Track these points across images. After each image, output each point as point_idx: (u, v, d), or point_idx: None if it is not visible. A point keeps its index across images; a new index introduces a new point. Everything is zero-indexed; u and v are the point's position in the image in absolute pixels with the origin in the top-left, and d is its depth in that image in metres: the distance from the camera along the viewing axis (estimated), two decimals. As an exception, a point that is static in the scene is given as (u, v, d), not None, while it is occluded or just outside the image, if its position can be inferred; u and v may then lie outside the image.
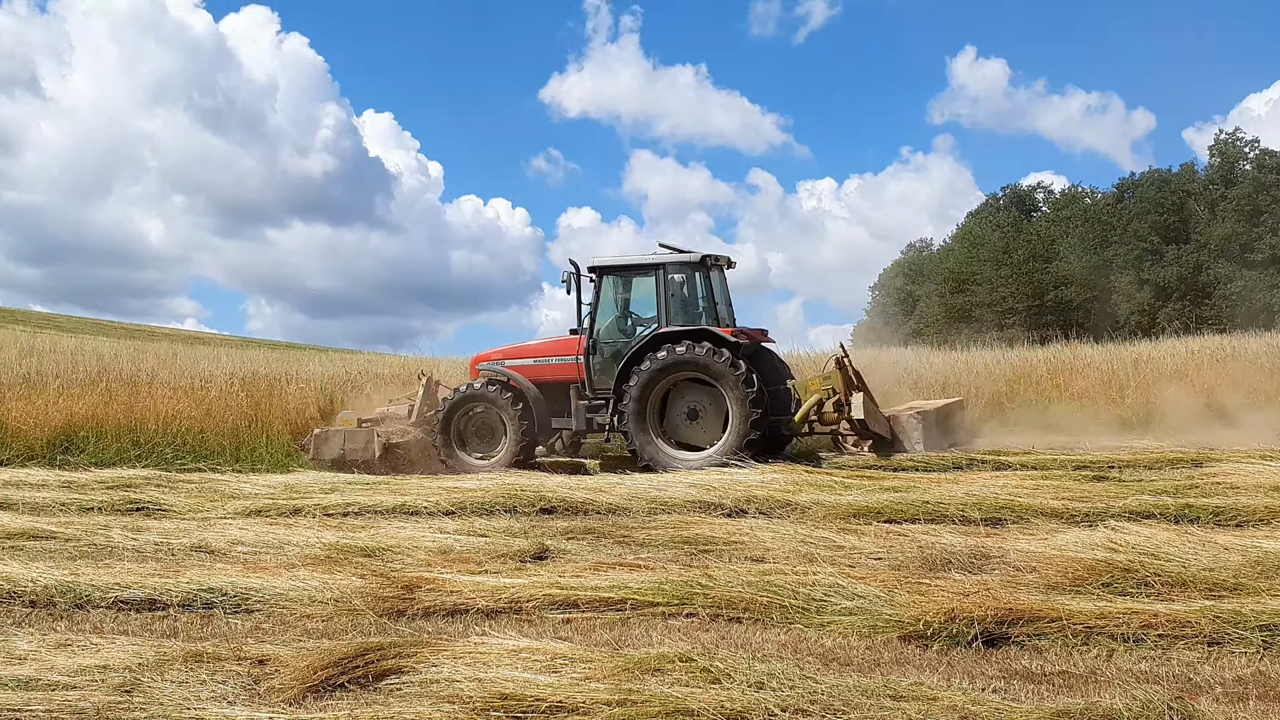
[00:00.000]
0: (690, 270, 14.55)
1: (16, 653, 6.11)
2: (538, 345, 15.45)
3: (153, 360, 24.62)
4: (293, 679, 5.69)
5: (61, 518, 10.76)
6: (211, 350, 31.90)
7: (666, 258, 14.42)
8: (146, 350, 29.26)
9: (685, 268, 14.47)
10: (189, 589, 7.65)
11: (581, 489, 11.41)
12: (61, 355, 24.11)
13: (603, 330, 14.61)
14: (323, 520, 10.49)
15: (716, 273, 14.90)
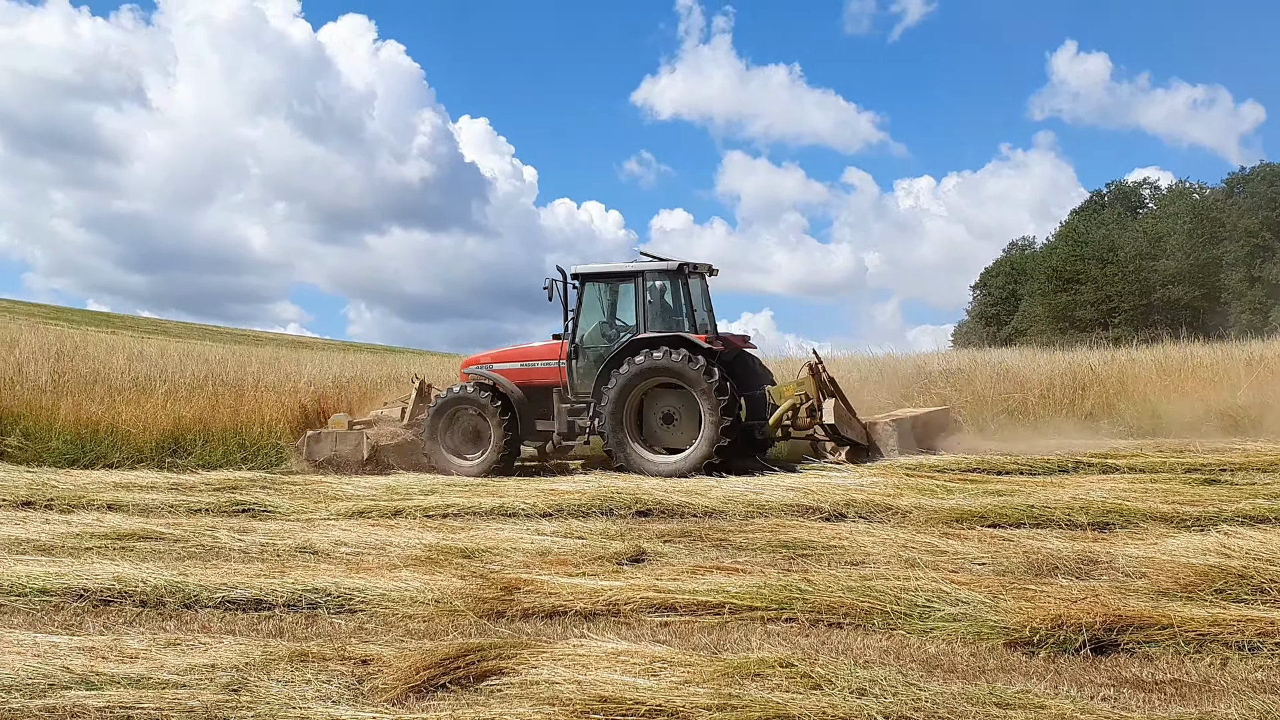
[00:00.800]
0: (669, 278, 14.77)
1: (128, 651, 6.25)
2: (523, 350, 15.75)
3: (257, 365, 25.16)
4: (396, 679, 5.75)
5: (170, 519, 11.03)
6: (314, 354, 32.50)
7: (645, 266, 14.65)
8: (251, 355, 29.90)
9: (664, 275, 14.69)
10: (294, 589, 7.77)
11: (677, 492, 11.38)
12: (169, 360, 24.74)
13: (586, 335, 14.89)
14: (423, 521, 10.61)
15: (697, 280, 15.15)
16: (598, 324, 15.09)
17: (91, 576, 8.09)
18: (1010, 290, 74.41)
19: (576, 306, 14.88)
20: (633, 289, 14.68)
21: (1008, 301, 74.17)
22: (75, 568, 8.38)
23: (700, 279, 15.27)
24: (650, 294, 14.61)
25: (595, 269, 14.97)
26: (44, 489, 12.64)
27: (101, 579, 8.03)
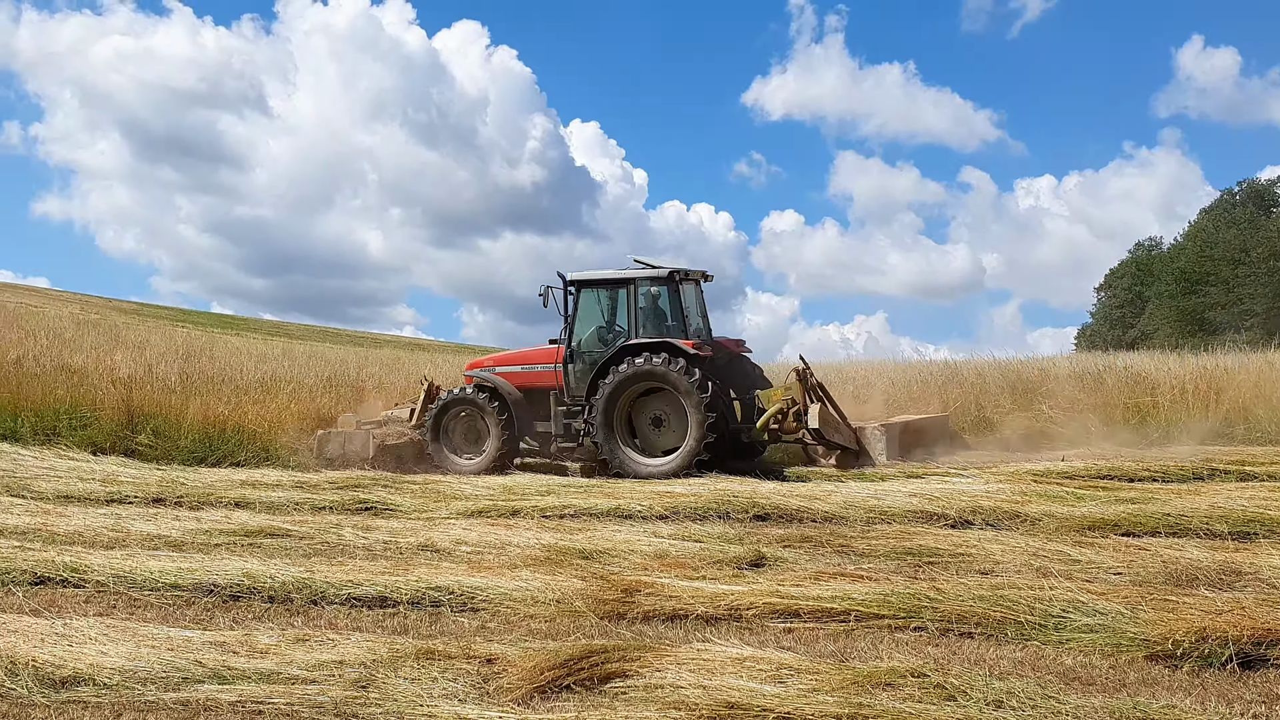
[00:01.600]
0: (661, 285, 15.02)
1: (258, 646, 6.35)
2: (523, 353, 16.10)
3: (377, 366, 25.63)
4: (520, 679, 5.73)
5: (296, 516, 11.22)
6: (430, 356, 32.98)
7: (637, 273, 14.92)
8: (370, 356, 30.47)
9: (656, 282, 14.96)
10: (417, 587, 7.82)
11: (795, 496, 11.23)
12: (294, 361, 25.32)
13: (583, 340, 15.17)
14: (540, 522, 10.63)
15: (691, 286, 15.36)
16: (594, 329, 15.33)
17: (221, 572, 8.25)
18: (1136, 292, 72.30)
19: (572, 312, 15.14)
20: (625, 295, 14.99)
21: (1133, 304, 72.07)
22: (205, 563, 8.57)
23: (695, 285, 15.52)
24: (642, 300, 14.92)
25: (590, 276, 15.24)
26: (174, 486, 12.97)
27: (231, 575, 8.19)
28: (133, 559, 8.69)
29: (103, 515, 10.94)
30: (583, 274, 15.25)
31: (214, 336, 36.60)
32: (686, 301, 15.04)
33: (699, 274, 15.61)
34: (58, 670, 5.91)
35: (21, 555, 8.77)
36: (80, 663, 5.99)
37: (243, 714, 5.48)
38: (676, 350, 14.09)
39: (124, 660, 6.03)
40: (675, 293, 14.94)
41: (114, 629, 6.64)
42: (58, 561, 8.54)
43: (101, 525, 10.40)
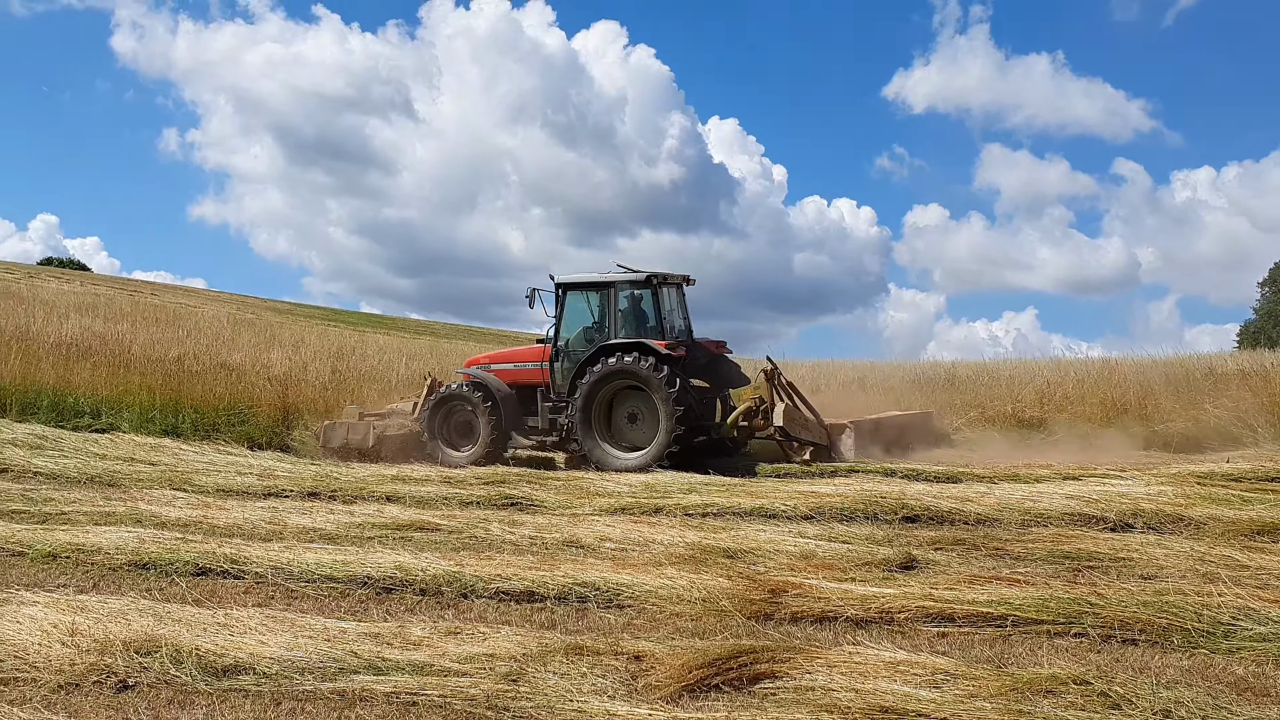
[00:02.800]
0: (641, 288, 15.72)
1: (411, 638, 6.44)
2: (514, 352, 17.15)
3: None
4: (669, 677, 5.70)
5: (444, 511, 11.40)
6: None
7: (616, 277, 15.66)
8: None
9: (635, 286, 15.68)
10: (564, 583, 7.86)
11: (946, 498, 10.98)
12: (442, 358, 25.83)
13: (571, 340, 15.86)
14: (683, 520, 10.59)
15: (672, 290, 16.12)
16: (581, 330, 15.97)
17: (374, 565, 8.41)
18: (1304, 287, 68.95)
19: (559, 313, 15.86)
20: (608, 298, 15.70)
21: (1301, 299, 68.75)
22: (359, 556, 8.75)
23: (676, 289, 16.22)
24: (623, 303, 15.61)
25: (575, 279, 16.00)
26: (328, 480, 13.30)
27: (383, 567, 8.34)
28: (289, 551, 8.92)
29: (260, 509, 11.27)
30: (569, 277, 16.02)
31: (364, 335, 37.56)
32: (665, 304, 15.72)
33: (680, 279, 16.29)
34: (220, 659, 6.08)
35: (184, 547, 9.08)
36: (241, 652, 6.16)
37: (397, 705, 5.56)
38: (649, 350, 14.75)
39: (282, 650, 6.18)
40: (654, 296, 15.59)
41: (273, 619, 6.81)
42: (218, 553, 8.81)
43: (259, 518, 10.71)
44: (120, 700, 5.66)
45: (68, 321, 24.80)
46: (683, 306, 16.32)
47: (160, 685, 5.81)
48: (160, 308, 37.45)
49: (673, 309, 15.98)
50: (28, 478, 13.00)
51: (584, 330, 15.96)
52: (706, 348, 16.03)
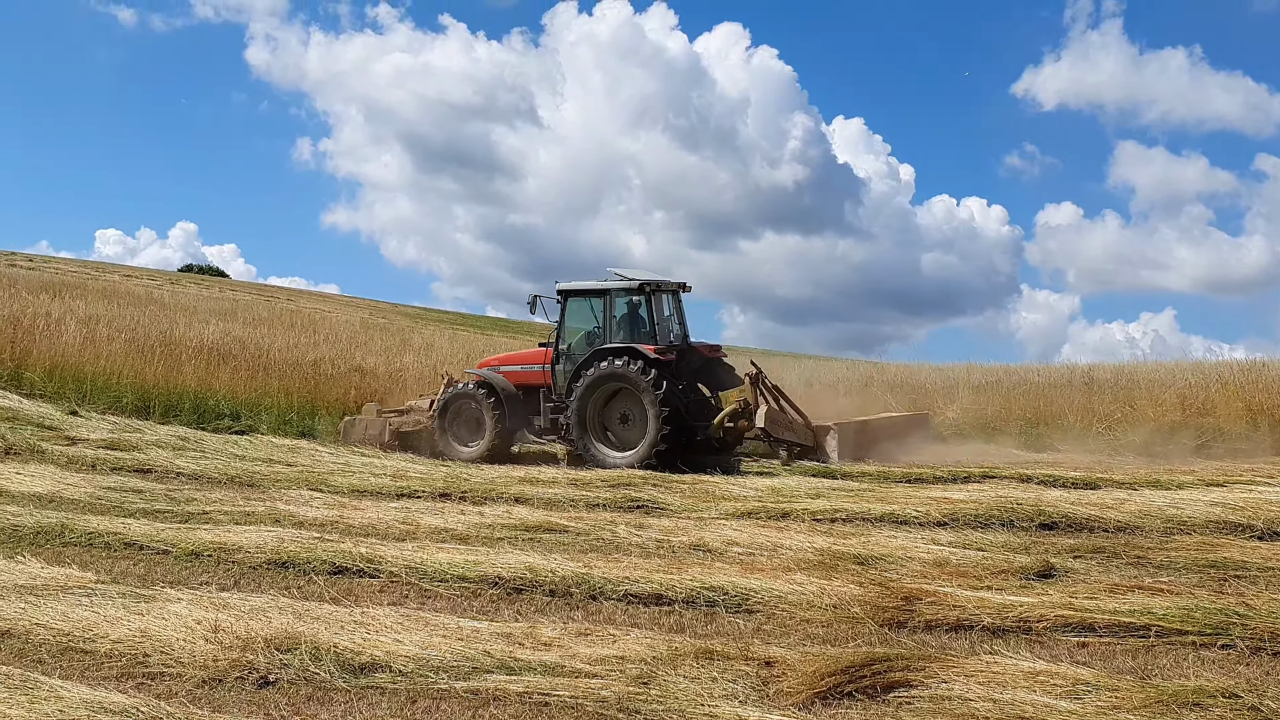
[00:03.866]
0: (635, 295, 16.30)
1: (542, 639, 6.49)
2: (521, 354, 17.99)
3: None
4: (800, 683, 5.64)
5: (571, 513, 11.46)
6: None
7: (612, 284, 16.34)
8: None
9: (629, 293, 16.28)
10: (692, 586, 7.83)
11: (1085, 504, 10.66)
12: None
13: (573, 344, 16.57)
14: (811, 525, 10.48)
15: (669, 296, 16.81)
16: (583, 334, 16.64)
17: (505, 565, 8.49)
18: None
19: (561, 318, 16.60)
20: (605, 304, 16.38)
21: None
22: (490, 556, 8.84)
23: (673, 295, 16.90)
24: (618, 309, 16.29)
25: (574, 286, 16.75)
26: (458, 482, 13.49)
27: (514, 568, 8.41)
28: (423, 551, 9.07)
29: (394, 509, 11.48)
30: (570, 284, 16.81)
31: (491, 338, 38.09)
32: (659, 310, 16.41)
33: (675, 285, 16.95)
34: (357, 656, 6.20)
35: (321, 546, 9.29)
36: (377, 650, 6.28)
37: (530, 705, 5.59)
38: (641, 355, 15.41)
39: (417, 649, 6.28)
40: (649, 302, 16.25)
41: (407, 618, 6.93)
42: (354, 552, 8.99)
43: (393, 518, 10.91)
44: (262, 696, 5.80)
45: (208, 327, 25.63)
46: (679, 312, 17.01)
47: (300, 682, 5.95)
48: (296, 313, 38.49)
49: (670, 315, 16.76)
50: (171, 478, 13.45)
51: (584, 335, 16.65)
52: (701, 352, 16.70)
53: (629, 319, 16.29)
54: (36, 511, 10.50)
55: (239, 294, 51.49)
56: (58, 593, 7.54)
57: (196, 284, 57.47)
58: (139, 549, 9.36)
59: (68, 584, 7.77)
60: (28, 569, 8.18)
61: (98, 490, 11.94)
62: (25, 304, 24.73)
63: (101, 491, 11.89)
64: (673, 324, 16.74)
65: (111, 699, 5.34)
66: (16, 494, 11.52)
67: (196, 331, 24.40)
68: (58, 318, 23.33)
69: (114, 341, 21.64)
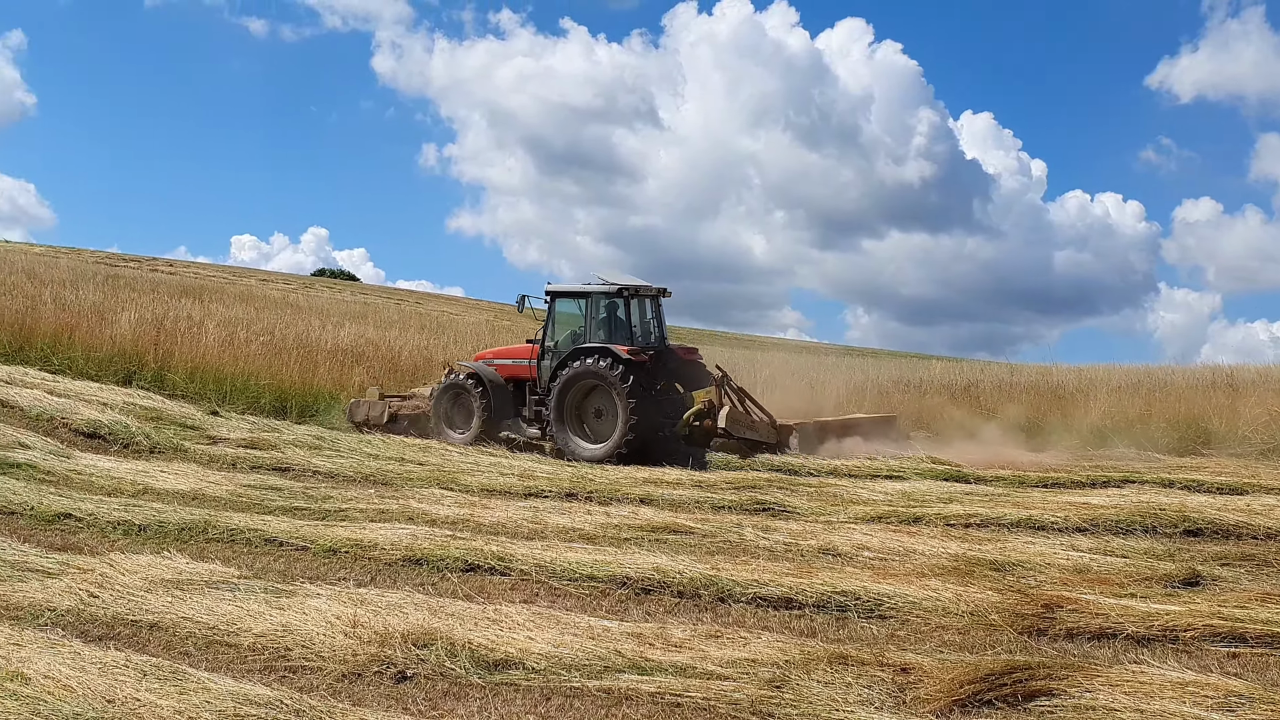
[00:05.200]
0: (614, 299, 17.13)
1: (673, 640, 6.48)
2: (512, 349, 18.88)
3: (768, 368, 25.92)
4: (938, 690, 5.53)
5: (697, 514, 11.42)
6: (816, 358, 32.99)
7: (593, 288, 17.27)
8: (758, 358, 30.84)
9: (608, 296, 17.12)
10: (822, 590, 7.74)
11: (1232, 510, 10.27)
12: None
13: (559, 341, 17.40)
14: (945, 530, 10.29)
15: (649, 301, 17.59)
16: (569, 333, 17.44)
17: (632, 566, 8.51)
18: None
19: (549, 317, 17.53)
20: (587, 306, 17.22)
21: None
22: (617, 556, 8.86)
23: (652, 300, 17.70)
24: (599, 311, 17.10)
25: (562, 288, 17.72)
26: (584, 482, 13.56)
27: (642, 569, 8.42)
28: (551, 550, 9.13)
29: (522, 508, 11.58)
30: (557, 286, 17.81)
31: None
32: (636, 314, 17.20)
33: (655, 291, 17.79)
34: (491, 653, 6.27)
35: (453, 543, 9.41)
36: (511, 647, 6.34)
37: (662, 705, 5.59)
38: (613, 355, 16.24)
39: (550, 647, 6.32)
40: (626, 306, 17.10)
41: (539, 616, 6.99)
42: (485, 550, 9.09)
43: (521, 517, 11.01)
44: (400, 691, 5.90)
45: (342, 329, 26.22)
46: (658, 316, 17.86)
47: (436, 677, 6.04)
48: (424, 315, 39.23)
49: (650, 318, 17.62)
50: (308, 476, 13.76)
51: (570, 334, 17.49)
52: (678, 353, 17.68)
53: (608, 320, 17.18)
54: (181, 508, 10.85)
55: (369, 297, 52.69)
56: (203, 587, 7.76)
57: (329, 288, 58.98)
58: (278, 545, 9.59)
59: (212, 579, 8.00)
60: (174, 564, 8.44)
61: (238, 488, 12.29)
62: (167, 308, 25.61)
63: (242, 489, 12.23)
64: (652, 327, 17.64)
65: (256, 691, 5.48)
66: (162, 491, 11.91)
67: (331, 334, 24.99)
68: (198, 321, 24.11)
69: (251, 344, 22.26)
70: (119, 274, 39.44)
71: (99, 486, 11.87)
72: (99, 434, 15.23)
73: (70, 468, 12.65)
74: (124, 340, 21.63)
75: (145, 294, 29.13)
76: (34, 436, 14.14)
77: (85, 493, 11.36)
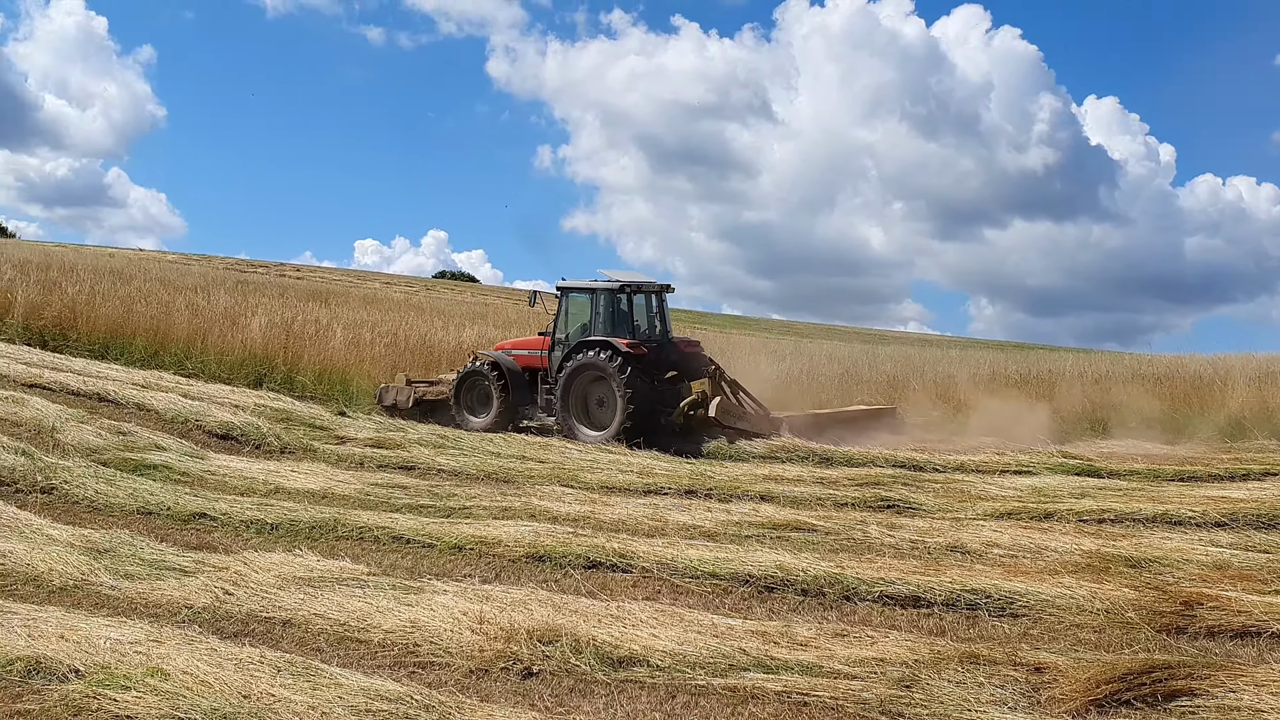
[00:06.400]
0: (618, 294, 17.90)
1: (798, 638, 6.41)
2: (527, 340, 19.63)
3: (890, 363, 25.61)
4: (1074, 690, 5.38)
5: (819, 512, 11.29)
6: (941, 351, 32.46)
7: (599, 284, 18.11)
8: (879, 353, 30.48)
9: (612, 293, 17.93)
10: (951, 588, 7.60)
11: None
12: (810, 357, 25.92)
13: (570, 334, 18.20)
14: (1077, 526, 10.02)
15: (653, 296, 18.47)
16: (579, 326, 18.24)
17: (755, 563, 8.45)
18: None
19: (559, 311, 18.45)
20: (593, 301, 18.09)
21: None
22: (739, 554, 8.81)
23: (655, 296, 18.56)
24: (604, 305, 17.92)
25: (572, 284, 18.52)
26: (703, 479, 13.51)
27: (764, 566, 8.35)
28: (672, 547, 9.11)
29: (641, 505, 11.58)
30: (568, 282, 18.63)
31: (730, 336, 38.18)
32: (638, 309, 18.10)
33: (658, 287, 18.66)
34: (615, 650, 6.28)
35: (575, 540, 9.46)
36: (634, 644, 6.34)
37: (789, 704, 5.54)
38: (614, 348, 17.05)
39: (674, 644, 6.31)
40: (629, 301, 17.91)
41: (662, 613, 6.98)
42: (607, 548, 9.12)
43: (641, 514, 11.00)
44: (526, 687, 5.95)
45: (463, 329, 26.62)
46: (662, 311, 18.70)
47: (562, 674, 6.07)
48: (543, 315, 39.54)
49: (654, 313, 18.47)
50: (432, 474, 13.96)
51: (579, 327, 18.28)
52: (679, 346, 18.36)
53: (612, 315, 17.96)
54: (311, 507, 11.09)
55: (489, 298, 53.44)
56: (333, 584, 7.92)
57: (449, 289, 59.99)
58: (405, 542, 9.75)
59: (342, 576, 8.15)
60: (305, 561, 8.63)
61: (365, 486, 12.52)
62: (295, 311, 26.26)
63: (369, 488, 12.46)
64: (655, 321, 18.50)
65: (386, 687, 5.57)
66: (293, 490, 12.19)
67: (453, 334, 25.40)
68: (325, 324, 24.67)
69: (376, 345, 22.73)
70: (248, 279, 40.64)
71: (232, 486, 12.19)
72: (231, 435, 15.65)
73: (204, 468, 13.02)
74: (254, 344, 22.25)
75: (274, 298, 29.94)
76: (170, 439, 14.59)
77: (219, 492, 11.68)
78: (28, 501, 10.66)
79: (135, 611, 7.29)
